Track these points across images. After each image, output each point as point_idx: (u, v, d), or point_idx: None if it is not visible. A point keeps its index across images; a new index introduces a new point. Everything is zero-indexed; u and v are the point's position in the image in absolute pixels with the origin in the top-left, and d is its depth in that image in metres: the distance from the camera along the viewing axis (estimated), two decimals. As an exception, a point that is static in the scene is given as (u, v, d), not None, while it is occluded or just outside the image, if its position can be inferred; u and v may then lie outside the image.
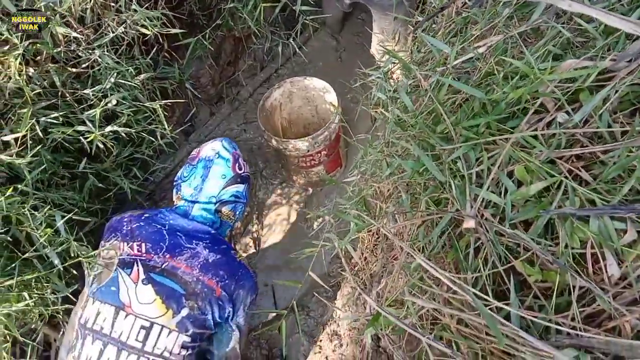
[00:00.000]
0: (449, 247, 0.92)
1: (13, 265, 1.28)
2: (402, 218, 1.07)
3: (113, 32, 1.45)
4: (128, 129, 1.53)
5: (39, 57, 1.45)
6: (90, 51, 1.44)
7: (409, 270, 0.93)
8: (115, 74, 1.49)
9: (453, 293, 0.81)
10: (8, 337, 1.36)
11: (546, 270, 0.76)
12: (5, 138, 1.29)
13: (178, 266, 1.30)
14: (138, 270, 1.28)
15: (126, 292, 1.25)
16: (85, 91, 1.47)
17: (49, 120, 1.40)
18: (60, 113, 1.43)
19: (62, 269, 1.30)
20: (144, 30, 1.49)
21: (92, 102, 1.51)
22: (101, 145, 1.51)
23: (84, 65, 1.47)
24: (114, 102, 1.48)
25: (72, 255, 1.30)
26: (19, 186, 1.29)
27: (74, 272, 1.51)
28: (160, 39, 1.77)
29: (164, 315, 1.24)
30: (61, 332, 1.62)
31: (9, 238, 1.32)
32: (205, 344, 1.35)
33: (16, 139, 1.31)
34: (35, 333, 1.53)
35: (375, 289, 1.18)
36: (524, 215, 0.78)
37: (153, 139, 1.71)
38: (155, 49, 1.78)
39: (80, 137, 1.46)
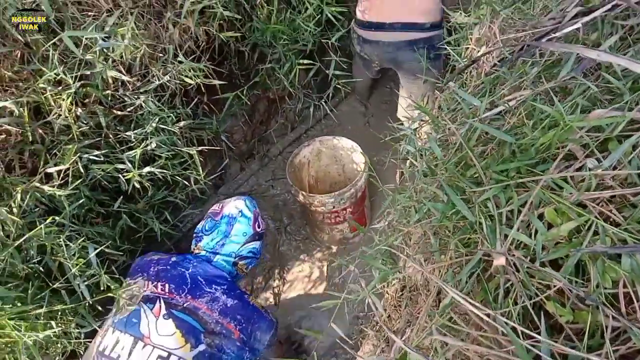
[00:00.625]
0: (478, 289, 0.92)
1: (42, 294, 1.30)
2: (430, 263, 1.07)
3: (159, 80, 1.55)
4: (164, 172, 1.59)
5: (87, 100, 1.55)
6: (135, 96, 1.54)
7: (437, 312, 0.92)
8: (157, 119, 1.58)
9: (483, 331, 0.80)
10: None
11: (577, 310, 0.75)
12: (49, 170, 1.36)
13: (199, 307, 1.36)
14: (160, 306, 1.33)
15: (147, 325, 1.29)
16: (127, 133, 1.55)
17: (91, 157, 1.47)
18: (102, 152, 1.50)
19: (90, 302, 1.32)
20: (187, 80, 1.60)
21: (132, 145, 1.59)
22: (137, 185, 1.57)
23: (128, 109, 1.57)
24: (154, 144, 1.55)
25: (102, 288, 1.32)
26: (57, 218, 1.34)
27: (100, 308, 1.53)
28: (201, 92, 1.88)
29: (183, 347, 1.27)
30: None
31: (41, 268, 1.36)
32: None
33: (59, 172, 1.38)
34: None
35: (400, 337, 1.15)
36: (555, 254, 0.78)
37: (187, 184, 1.77)
38: (195, 100, 1.89)
39: (119, 176, 1.53)
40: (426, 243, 1.14)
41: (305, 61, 2.22)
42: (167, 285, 1.39)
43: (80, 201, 1.47)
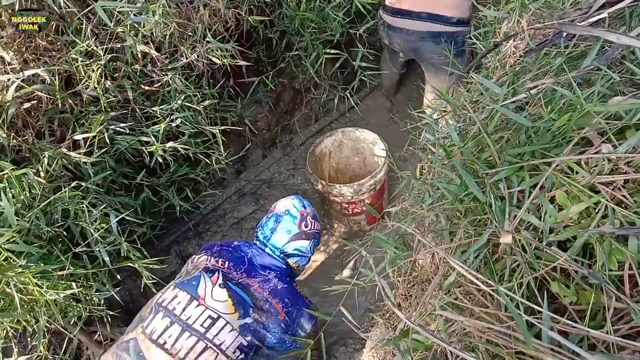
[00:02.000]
0: (484, 269, 0.92)
1: (65, 257, 1.36)
2: (440, 244, 1.07)
3: (187, 59, 1.59)
4: (187, 148, 1.63)
5: (117, 74, 1.60)
6: (163, 73, 1.58)
7: (442, 290, 0.92)
8: (182, 97, 1.62)
9: (485, 308, 0.81)
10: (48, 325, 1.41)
11: (582, 291, 0.75)
12: (76, 137, 1.41)
13: (252, 284, 1.49)
14: (218, 276, 1.46)
15: (204, 288, 1.41)
16: (153, 108, 1.59)
17: (117, 129, 1.52)
18: (128, 125, 1.55)
19: (110, 267, 1.38)
20: (214, 60, 1.63)
21: (157, 120, 1.63)
22: (160, 160, 1.61)
23: (156, 85, 1.61)
24: (178, 121, 1.59)
25: (122, 255, 1.37)
26: (82, 183, 1.39)
27: (119, 277, 1.58)
28: (228, 75, 1.91)
29: (232, 314, 1.38)
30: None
31: (64, 232, 1.41)
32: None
33: (85, 140, 1.42)
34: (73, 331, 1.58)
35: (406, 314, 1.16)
36: (563, 235, 0.78)
37: (208, 162, 1.81)
38: (221, 82, 1.92)
39: (143, 150, 1.57)
40: (438, 226, 1.14)
41: (332, 51, 2.23)
42: (226, 262, 1.53)
43: (105, 173, 1.52)
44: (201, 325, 1.34)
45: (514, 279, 0.82)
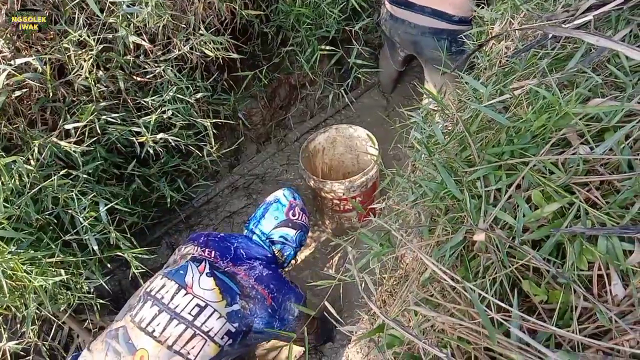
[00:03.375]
0: (460, 266, 0.93)
1: (55, 244, 1.37)
2: (421, 241, 1.09)
3: (179, 51, 1.59)
4: (178, 140, 1.64)
5: (109, 65, 1.61)
6: (156, 64, 1.59)
7: (417, 286, 0.94)
8: (174, 89, 1.63)
9: (457, 304, 0.82)
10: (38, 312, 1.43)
11: (552, 290, 0.76)
12: (67, 126, 1.42)
13: (238, 272, 1.53)
14: (205, 265, 1.49)
15: (191, 277, 1.44)
16: (145, 99, 1.60)
17: (108, 119, 1.53)
18: (120, 115, 1.56)
19: (99, 256, 1.39)
20: (207, 52, 1.64)
21: (149, 111, 1.64)
22: (151, 151, 1.62)
23: (148, 77, 1.62)
24: (170, 113, 1.60)
25: (112, 243, 1.39)
26: (72, 172, 1.40)
27: (109, 266, 1.59)
28: (222, 69, 1.92)
29: (219, 302, 1.41)
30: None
31: (54, 220, 1.42)
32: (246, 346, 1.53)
33: (76, 129, 1.43)
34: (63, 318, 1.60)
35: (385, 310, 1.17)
36: (535, 234, 0.79)
37: (200, 154, 1.82)
38: (215, 76, 1.93)
39: (134, 140, 1.58)
40: (419, 223, 1.16)
41: (328, 47, 2.24)
42: (213, 252, 1.57)
43: (97, 162, 1.53)
44: (189, 313, 1.37)
45: (486, 277, 0.84)
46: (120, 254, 1.54)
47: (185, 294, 1.41)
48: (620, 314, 0.68)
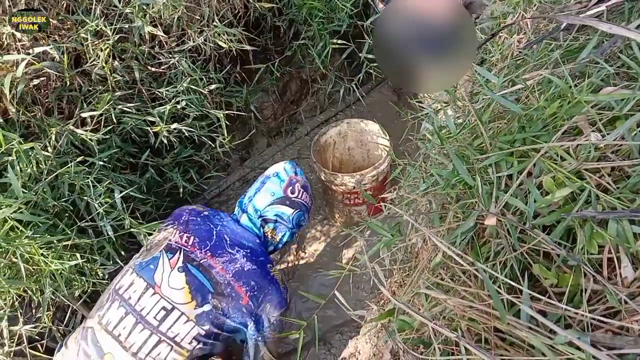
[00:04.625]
0: (471, 252, 0.94)
1: (71, 229, 1.40)
2: (429, 228, 1.10)
3: (193, 42, 1.62)
4: (191, 130, 1.67)
5: (125, 55, 1.63)
6: (171, 55, 1.61)
7: (428, 270, 0.95)
8: (188, 80, 1.65)
9: (468, 287, 0.83)
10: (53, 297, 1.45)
11: (562, 273, 0.77)
12: (84, 115, 1.44)
13: (214, 266, 1.40)
14: (178, 257, 1.39)
15: (161, 274, 1.35)
16: (160, 90, 1.63)
17: (124, 109, 1.55)
18: (135, 104, 1.58)
19: (114, 240, 1.41)
20: (221, 44, 1.66)
21: (163, 101, 1.67)
22: (165, 141, 1.65)
23: (163, 67, 1.64)
24: (184, 103, 1.62)
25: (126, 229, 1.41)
26: (89, 159, 1.43)
27: (123, 254, 1.62)
28: (235, 61, 1.94)
29: (188, 304, 1.32)
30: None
31: (70, 207, 1.45)
32: (220, 345, 1.40)
33: (92, 118, 1.46)
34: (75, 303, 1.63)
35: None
36: (546, 219, 0.80)
37: (212, 145, 1.84)
38: (227, 68, 1.95)
39: (148, 130, 1.61)
40: (430, 212, 1.17)
41: (339, 42, 2.25)
42: (192, 238, 1.44)
43: (112, 151, 1.56)
44: (154, 318, 1.31)
45: (496, 261, 0.85)
46: (134, 236, 1.52)
47: (153, 294, 1.33)
48: (630, 295, 0.69)
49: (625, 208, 0.73)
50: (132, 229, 1.34)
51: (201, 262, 1.40)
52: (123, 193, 1.39)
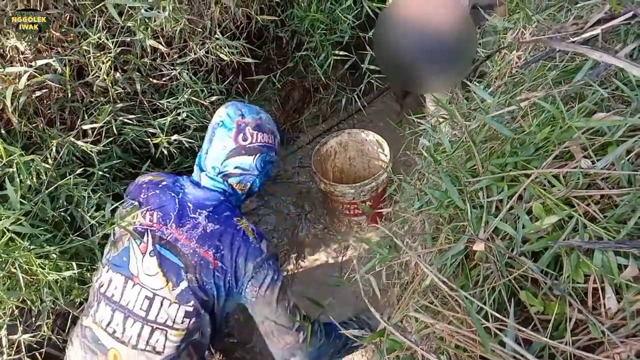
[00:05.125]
0: (461, 275, 0.95)
1: (67, 240, 1.41)
2: (423, 248, 1.11)
3: (195, 54, 1.63)
4: (192, 142, 1.68)
5: (127, 67, 1.65)
6: (172, 67, 1.63)
7: (418, 293, 0.95)
8: (189, 91, 1.67)
9: (455, 312, 0.84)
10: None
11: (548, 301, 0.78)
12: (85, 127, 1.46)
13: (179, 238, 1.32)
14: (147, 241, 1.32)
15: (135, 263, 1.30)
16: (161, 101, 1.64)
17: (125, 120, 1.57)
18: (136, 116, 1.60)
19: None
20: (222, 56, 1.68)
21: (164, 113, 1.69)
22: (165, 152, 1.66)
23: (164, 79, 1.66)
24: (184, 114, 1.64)
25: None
26: (89, 169, 1.45)
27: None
28: (237, 72, 1.96)
29: (165, 287, 1.28)
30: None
31: (68, 218, 1.46)
32: (220, 310, 1.36)
33: (93, 129, 1.48)
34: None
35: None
36: (534, 246, 0.81)
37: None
38: (229, 79, 1.97)
39: (149, 141, 1.63)
40: (424, 231, 1.17)
41: (342, 53, 2.27)
42: (155, 214, 1.35)
43: (112, 162, 1.57)
44: (140, 309, 1.27)
45: (485, 286, 0.85)
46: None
47: (134, 286, 1.29)
48: (613, 327, 0.69)
49: (611, 239, 0.73)
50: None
51: (168, 239, 1.31)
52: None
